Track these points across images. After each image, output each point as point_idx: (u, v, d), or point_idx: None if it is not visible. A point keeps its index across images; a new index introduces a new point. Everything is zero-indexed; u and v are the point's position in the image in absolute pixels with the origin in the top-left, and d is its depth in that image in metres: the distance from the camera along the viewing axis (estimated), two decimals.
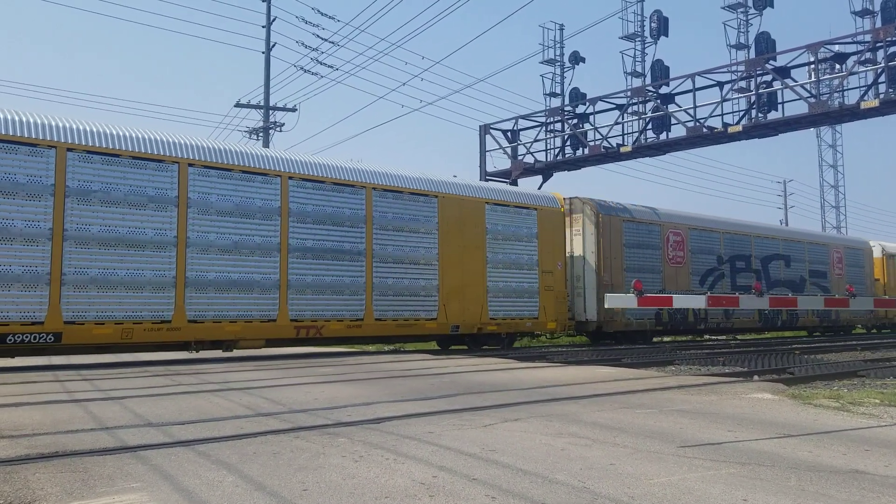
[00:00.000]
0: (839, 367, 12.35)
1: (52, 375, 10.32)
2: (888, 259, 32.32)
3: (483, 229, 17.49)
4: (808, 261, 27.43)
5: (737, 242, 24.52)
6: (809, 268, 27.45)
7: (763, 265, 25.39)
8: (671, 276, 21.90)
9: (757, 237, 25.62)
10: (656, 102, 23.56)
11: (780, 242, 26.54)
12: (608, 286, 19.60)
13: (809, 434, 5.64)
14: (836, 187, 55.85)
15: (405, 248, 16.10)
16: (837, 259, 28.98)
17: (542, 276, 18.48)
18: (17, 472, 4.23)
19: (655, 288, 20.83)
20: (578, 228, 20.41)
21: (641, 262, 21.08)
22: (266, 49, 29.92)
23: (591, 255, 20.15)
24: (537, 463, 4.51)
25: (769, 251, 25.83)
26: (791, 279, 26.49)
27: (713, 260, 23.48)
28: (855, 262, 29.95)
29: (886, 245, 33.08)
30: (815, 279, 27.59)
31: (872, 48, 19.57)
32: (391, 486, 3.95)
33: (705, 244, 23.31)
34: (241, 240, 13.84)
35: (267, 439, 5.26)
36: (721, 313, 23.02)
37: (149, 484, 3.98)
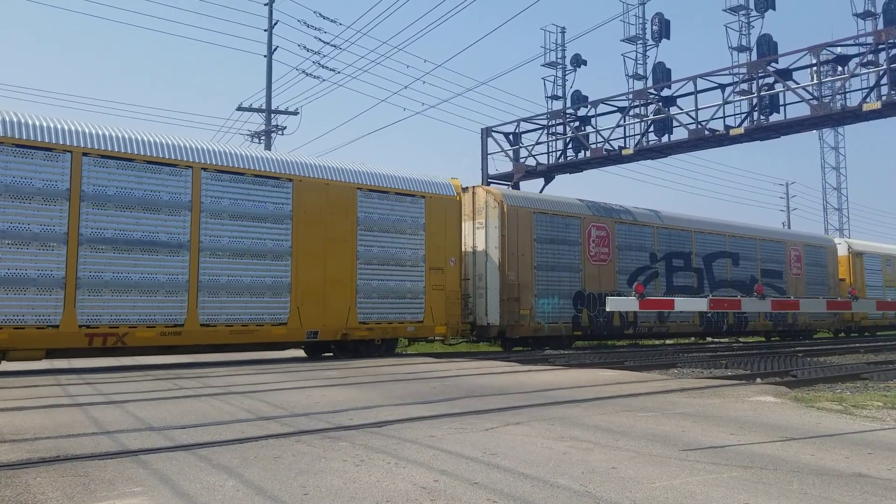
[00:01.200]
0: (842, 370, 12.32)
1: (54, 379, 10.32)
2: (855, 258, 29.93)
3: (354, 219, 15.21)
4: (759, 259, 25.25)
5: (674, 238, 22.45)
6: (762, 267, 25.30)
7: (706, 264, 23.34)
8: (593, 275, 19.90)
9: (698, 233, 23.43)
10: (658, 105, 23.52)
11: (727, 239, 24.38)
12: (514, 286, 17.92)
13: (812, 437, 5.62)
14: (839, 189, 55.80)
15: (246, 240, 13.72)
16: (795, 257, 26.83)
17: (430, 273, 16.26)
18: (18, 476, 4.23)
19: (574, 288, 19.32)
20: (482, 221, 18.38)
21: (557, 258, 19.12)
22: (268, 52, 29.96)
23: (494, 250, 18.12)
24: (539, 467, 4.50)
25: (713, 248, 23.72)
26: (740, 279, 24.35)
27: (645, 257, 21.43)
28: (816, 261, 27.85)
29: (854, 243, 30.96)
30: (769, 279, 25.41)
31: (874, 50, 19.53)
32: (392, 490, 3.94)
33: (635, 240, 21.29)
34: (11, 229, 11.45)
35: (268, 443, 5.25)
36: (654, 316, 21.31)
37: (149, 488, 3.97)
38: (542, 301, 18.57)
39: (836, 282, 28.61)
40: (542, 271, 18.75)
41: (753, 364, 13.75)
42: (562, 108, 26.28)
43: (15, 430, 5.76)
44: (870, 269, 30.24)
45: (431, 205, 16.56)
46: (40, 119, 12.12)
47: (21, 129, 11.77)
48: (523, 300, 18.10)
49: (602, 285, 20.02)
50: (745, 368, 12.89)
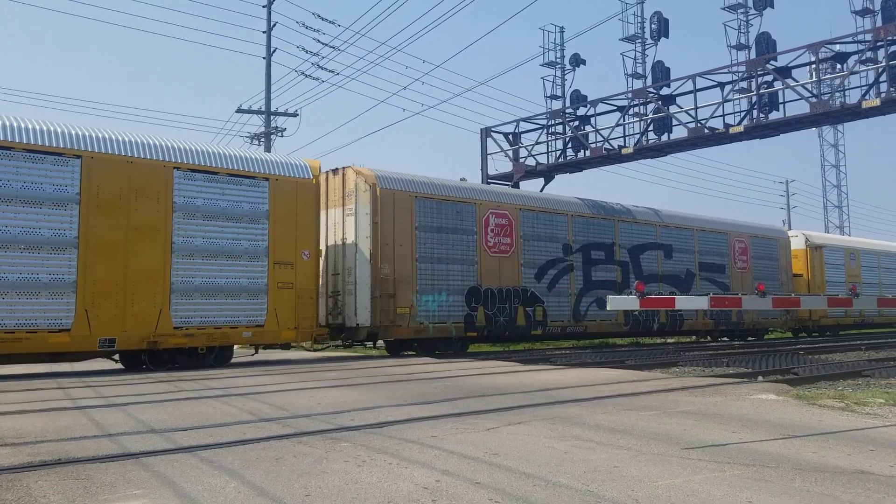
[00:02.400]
0: (843, 368, 12.32)
1: (56, 382, 10.33)
2: (814, 251, 27.97)
3: (168, 204, 12.95)
4: (697, 251, 23.26)
5: (594, 228, 20.49)
6: (700, 260, 23.32)
7: (632, 256, 21.34)
8: (492, 268, 17.72)
9: (623, 222, 21.38)
10: (657, 104, 23.53)
11: (657, 229, 22.34)
12: (388, 281, 15.77)
13: (814, 435, 5.62)
14: (839, 187, 55.83)
15: (13, 228, 11.49)
16: (740, 250, 24.76)
17: (276, 269, 14.02)
18: (19, 479, 4.23)
19: (467, 283, 17.18)
20: (352, 207, 16.22)
21: (446, 249, 16.89)
22: (267, 54, 29.97)
23: (364, 240, 15.91)
24: (540, 466, 4.49)
25: (641, 239, 21.69)
26: (673, 274, 22.43)
27: (557, 249, 19.33)
28: (765, 254, 25.80)
29: (812, 235, 28.84)
30: (709, 274, 23.54)
31: (873, 47, 19.53)
32: (394, 490, 3.94)
33: (545, 229, 19.14)
34: None
35: (270, 445, 5.25)
36: (568, 314, 19.42)
37: (151, 490, 3.97)
38: (425, 298, 16.39)
39: (789, 277, 26.69)
40: (427, 264, 16.54)
41: (755, 362, 13.75)
42: (561, 107, 26.29)
43: (17, 434, 5.76)
44: (831, 264, 28.62)
45: (278, 188, 14.26)
46: None
47: None
48: (401, 297, 15.96)
49: (503, 280, 18.00)
50: (746, 366, 12.89)
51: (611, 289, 20.04)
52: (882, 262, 31.57)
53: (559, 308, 19.20)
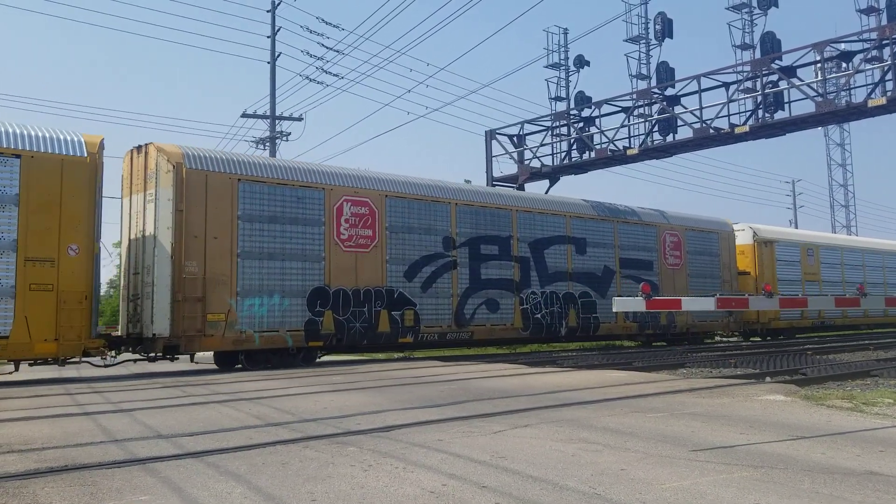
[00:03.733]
0: (852, 368, 12.26)
1: (63, 388, 10.35)
2: (763, 246, 25.53)
3: None
4: (618, 246, 20.83)
5: (484, 218, 17.87)
6: (622, 255, 20.85)
7: (534, 251, 18.76)
8: (345, 265, 15.16)
9: (524, 212, 18.74)
10: (662, 104, 23.49)
11: (568, 220, 19.72)
12: (196, 281, 13.27)
13: (823, 435, 5.58)
14: (846, 186, 55.62)
15: None
16: (672, 244, 22.28)
17: (28, 267, 11.58)
18: (26, 486, 4.23)
19: (311, 283, 14.68)
20: (153, 192, 13.64)
21: (280, 243, 14.38)
22: (271, 59, 30.04)
23: (165, 232, 13.32)
24: (548, 469, 4.47)
25: (546, 232, 19.10)
26: (588, 271, 19.93)
27: (435, 242, 16.76)
28: (704, 249, 23.39)
29: (762, 228, 26.23)
30: (633, 271, 21.06)
31: (879, 46, 19.47)
32: (401, 495, 3.93)
33: (420, 219, 16.62)
34: None
35: (276, 449, 5.24)
36: (449, 318, 16.87)
37: (157, 496, 3.97)
38: (250, 302, 13.85)
39: (733, 274, 24.23)
40: (253, 261, 14.00)
41: (762, 363, 13.69)
42: (566, 109, 26.28)
43: (23, 440, 5.77)
44: (784, 261, 26.28)
45: (33, 167, 11.81)
46: None
47: None
48: (214, 301, 13.44)
49: (361, 279, 15.41)
50: (754, 367, 12.84)
51: (506, 288, 17.93)
52: (846, 259, 29.32)
53: (437, 311, 16.61)
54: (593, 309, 19.68)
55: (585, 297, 19.62)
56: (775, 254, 25.82)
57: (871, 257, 30.86)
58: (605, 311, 19.79)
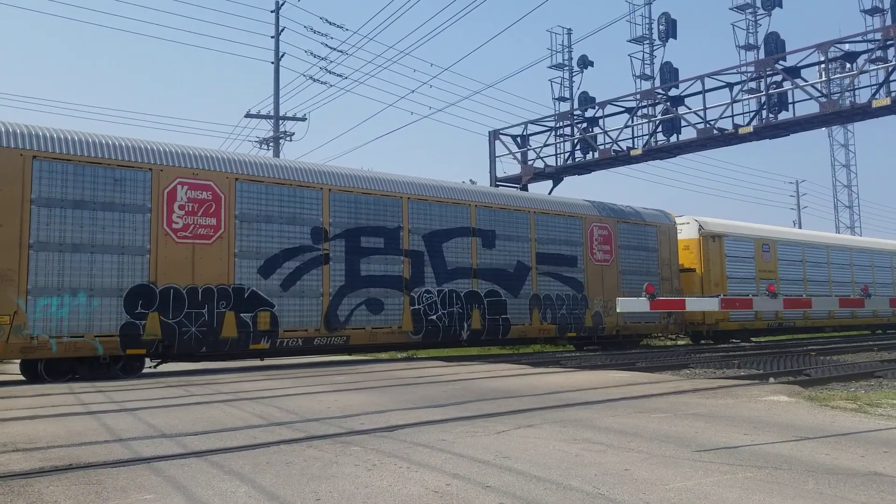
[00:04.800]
0: (856, 369, 12.23)
1: (67, 388, 10.37)
2: (709, 241, 23.10)
3: None
4: (535, 239, 18.58)
5: (367, 207, 15.64)
6: (539, 250, 18.63)
7: (430, 244, 16.56)
8: (178, 259, 13.08)
9: (417, 200, 16.49)
10: (666, 105, 23.49)
11: (473, 210, 17.47)
12: None
13: (827, 436, 5.58)
14: (850, 187, 55.52)
15: None
16: (601, 238, 20.05)
17: None
18: (30, 485, 4.24)
19: (129, 280, 12.58)
20: None
21: (89, 233, 12.32)
22: (275, 59, 30.08)
23: None
24: (551, 469, 4.48)
25: (445, 223, 16.89)
26: (496, 267, 17.71)
27: (302, 234, 14.63)
28: (639, 244, 21.17)
29: (709, 221, 23.86)
30: (552, 267, 18.86)
31: (883, 46, 19.44)
32: (404, 494, 3.93)
33: (282, 207, 14.42)
34: None
35: (280, 449, 5.25)
36: (317, 321, 14.65)
37: (162, 495, 3.98)
38: (45, 302, 11.80)
39: (674, 271, 21.97)
40: (51, 253, 11.94)
41: (766, 364, 13.67)
42: (569, 109, 26.29)
43: (28, 439, 5.79)
44: (735, 256, 23.95)
45: None
46: None
47: None
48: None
49: (199, 275, 13.30)
50: (757, 368, 12.82)
51: (393, 286, 15.80)
52: (808, 255, 26.90)
53: (302, 313, 14.46)
54: (503, 309, 17.72)
55: (493, 296, 17.60)
56: (724, 249, 23.45)
57: (839, 254, 28.48)
58: (517, 311, 18.01)
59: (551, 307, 18.59)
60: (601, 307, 19.62)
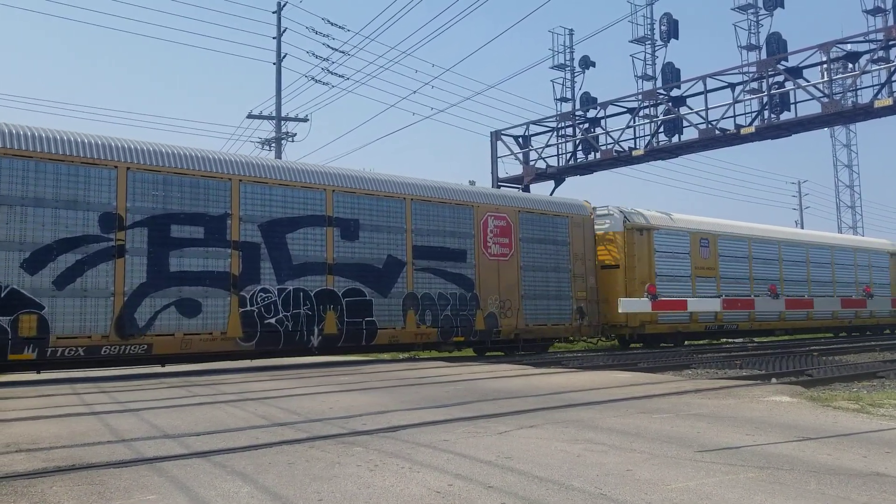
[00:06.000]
0: (858, 369, 12.23)
1: (70, 388, 10.39)
2: (635, 234, 20.50)
3: None
4: (412, 230, 16.14)
5: (180, 190, 13.20)
6: (416, 242, 16.13)
7: (270, 235, 14.06)
8: None
9: (253, 183, 13.95)
10: (668, 105, 23.48)
11: (330, 195, 14.97)
12: None
13: (829, 437, 5.58)
14: (852, 187, 55.42)
15: None
16: (499, 229, 17.64)
17: None
18: (34, 485, 4.26)
19: None
20: None
21: None
22: (277, 60, 30.09)
23: None
24: (553, 470, 4.48)
25: (292, 210, 14.43)
26: (360, 263, 15.26)
27: (87, 221, 12.21)
28: (547, 236, 18.70)
29: (633, 212, 21.29)
30: (434, 263, 16.40)
31: (885, 46, 19.42)
32: (407, 494, 3.94)
33: (59, 189, 12.01)
34: None
35: (282, 449, 5.26)
36: (107, 326, 12.20)
37: (164, 495, 3.99)
38: None
39: (589, 268, 19.48)
40: None
41: (768, 364, 13.66)
42: (571, 110, 26.29)
43: (31, 440, 5.80)
44: (668, 252, 21.32)
45: None
46: None
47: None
48: None
49: None
50: (759, 368, 12.82)
51: (215, 284, 13.29)
52: (757, 251, 24.37)
53: (84, 316, 12.09)
54: (367, 311, 15.16)
55: (355, 295, 15.05)
56: (653, 243, 20.92)
57: (791, 250, 25.77)
58: (386, 313, 15.45)
59: (432, 308, 16.19)
60: (496, 307, 17.35)
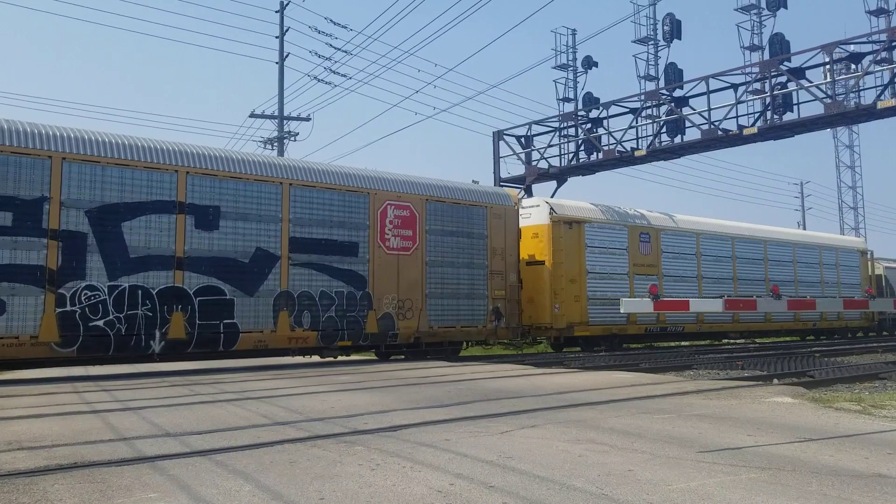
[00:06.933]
0: (860, 370, 12.22)
1: (71, 387, 10.40)
2: (562, 228, 18.83)
3: None
4: (290, 220, 14.15)
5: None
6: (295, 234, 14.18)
7: (100, 224, 12.23)
8: None
9: (81, 162, 12.05)
10: (670, 105, 23.47)
11: (181, 177, 13.01)
12: None
13: (830, 438, 5.57)
14: (854, 188, 55.36)
15: None
16: (400, 220, 15.67)
17: None
18: (35, 483, 4.26)
19: None
20: None
21: None
22: (280, 59, 30.10)
23: None
24: (554, 469, 4.48)
25: (128, 195, 12.48)
26: (221, 256, 13.30)
27: None
28: (460, 229, 16.68)
29: (562, 204, 19.62)
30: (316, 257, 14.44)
31: (888, 47, 19.40)
32: (408, 494, 3.94)
33: None
34: None
35: (284, 448, 5.26)
36: None
37: (166, 494, 3.99)
38: None
39: (510, 264, 17.46)
40: None
41: (770, 365, 13.65)
42: (573, 110, 26.27)
43: (33, 438, 5.81)
44: (600, 247, 19.74)
45: None
46: None
47: None
48: None
49: None
50: (761, 369, 12.81)
51: (23, 280, 11.48)
52: (706, 248, 22.67)
53: None
54: (227, 312, 13.31)
55: (211, 293, 13.16)
56: (584, 238, 19.29)
57: (747, 247, 24.08)
58: (252, 314, 13.64)
59: (311, 308, 14.29)
60: (394, 308, 15.45)
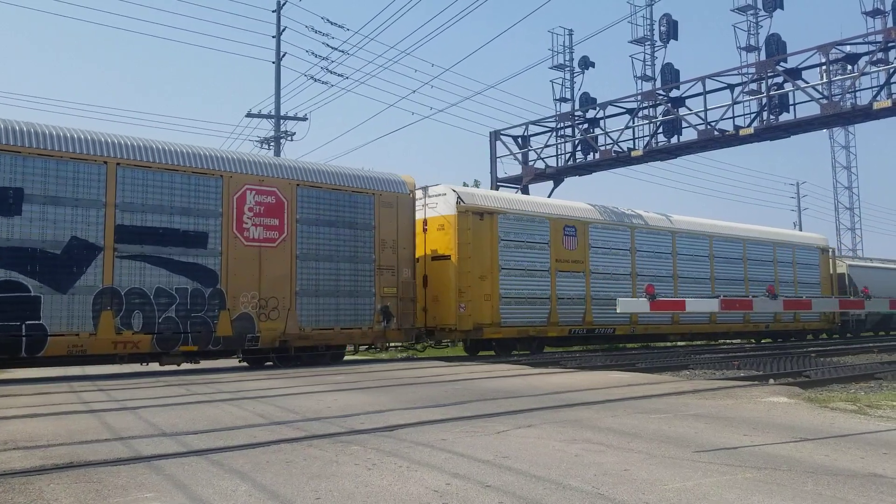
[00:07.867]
0: (856, 370, 12.24)
1: (68, 386, 10.38)
2: (472, 219, 16.97)
3: None
4: (115, 204, 12.39)
5: None
6: (123, 221, 12.46)
7: None
8: None
9: None
10: (667, 106, 23.49)
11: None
12: None
13: (826, 438, 5.59)
14: (850, 188, 55.56)
15: None
16: (263, 207, 13.91)
17: None
18: (31, 483, 4.25)
19: None
20: None
21: None
22: (276, 59, 30.07)
23: None
24: (551, 469, 4.48)
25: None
26: (22, 246, 11.56)
27: None
28: (340, 218, 14.97)
29: (473, 192, 18.19)
30: (151, 248, 12.73)
31: (884, 48, 19.44)
32: (404, 493, 3.94)
33: None
34: None
35: (280, 448, 5.26)
36: None
37: (162, 493, 3.98)
38: None
39: (403, 258, 15.78)
40: None
41: (766, 365, 13.67)
42: (570, 110, 26.28)
43: (29, 437, 5.80)
44: (517, 241, 17.75)
45: None
46: None
47: None
48: None
49: None
50: (757, 369, 12.83)
51: None
52: (641, 243, 20.60)
53: None
54: (31, 312, 11.53)
55: (9, 289, 11.36)
56: (497, 231, 17.38)
57: (690, 242, 22.00)
58: (65, 314, 11.83)
59: (145, 308, 12.57)
60: (253, 308, 13.70)
